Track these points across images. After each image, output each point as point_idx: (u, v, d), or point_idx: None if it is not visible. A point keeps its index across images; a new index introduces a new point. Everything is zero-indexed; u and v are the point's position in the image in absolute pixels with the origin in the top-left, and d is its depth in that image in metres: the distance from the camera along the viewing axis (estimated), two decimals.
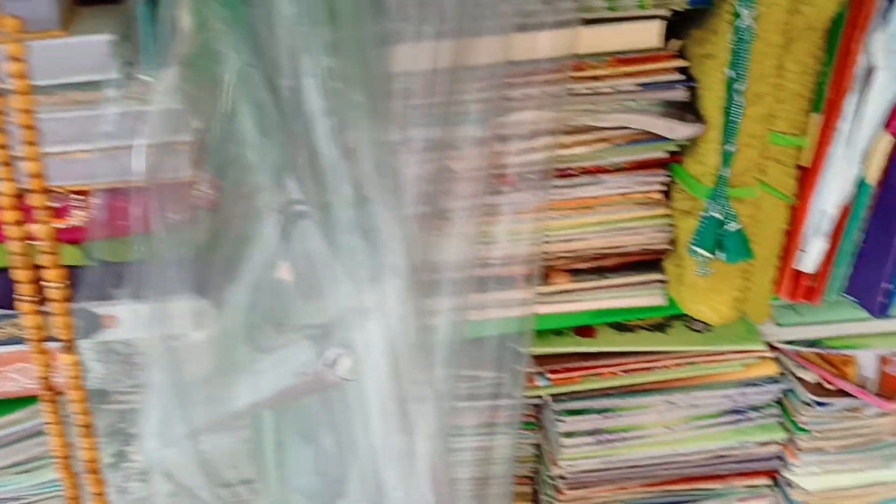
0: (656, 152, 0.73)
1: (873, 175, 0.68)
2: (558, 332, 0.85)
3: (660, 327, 0.86)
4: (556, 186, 0.72)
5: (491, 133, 0.64)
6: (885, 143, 0.67)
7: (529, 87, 0.64)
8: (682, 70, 0.70)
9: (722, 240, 0.69)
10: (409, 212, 0.64)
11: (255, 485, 0.74)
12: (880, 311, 0.71)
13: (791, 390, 0.86)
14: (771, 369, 0.86)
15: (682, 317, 0.82)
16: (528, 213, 0.68)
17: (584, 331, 0.85)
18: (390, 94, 0.61)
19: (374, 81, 0.61)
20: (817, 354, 0.85)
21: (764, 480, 0.90)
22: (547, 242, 0.74)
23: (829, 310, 0.85)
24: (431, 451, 0.69)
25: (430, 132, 0.63)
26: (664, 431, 0.87)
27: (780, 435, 0.87)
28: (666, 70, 0.69)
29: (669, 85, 0.69)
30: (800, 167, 0.71)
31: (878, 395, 0.82)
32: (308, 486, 0.74)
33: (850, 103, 0.67)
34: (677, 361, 0.85)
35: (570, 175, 0.72)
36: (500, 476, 0.76)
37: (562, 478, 0.87)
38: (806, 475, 0.88)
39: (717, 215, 0.69)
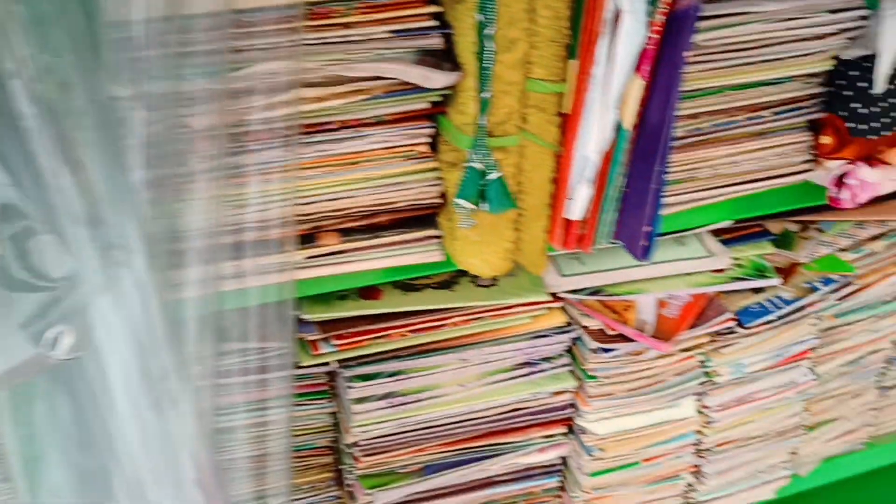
0: (418, 103, 0.70)
1: (629, 119, 0.68)
2: (342, 296, 0.82)
3: (446, 285, 0.85)
4: (316, 142, 0.68)
5: (226, 87, 0.59)
6: (636, 86, 0.67)
7: (263, 37, 0.59)
8: (438, 16, 0.67)
9: (484, 190, 0.68)
10: (139, 176, 0.58)
11: (11, 485, 0.67)
12: (643, 255, 0.71)
13: (579, 339, 0.87)
14: (558, 319, 0.86)
15: (468, 273, 0.81)
16: (279, 172, 0.64)
17: (369, 293, 0.83)
18: (103, 45, 0.55)
19: (82, 30, 0.54)
20: (600, 302, 0.87)
21: (560, 429, 0.91)
22: (312, 202, 0.71)
23: (611, 257, 0.87)
24: (192, 432, 0.65)
25: (156, 87, 0.57)
26: (458, 389, 0.86)
27: (572, 383, 0.88)
28: (419, 16, 0.66)
29: (423, 31, 0.66)
30: (562, 114, 0.70)
31: (654, 337, 0.84)
32: (67, 483, 0.68)
33: (601, 48, 0.66)
34: (465, 318, 0.84)
35: (330, 129, 0.69)
36: (278, 452, 0.72)
37: (356, 445, 0.85)
38: (598, 420, 0.90)
39: (478, 166, 0.68)
